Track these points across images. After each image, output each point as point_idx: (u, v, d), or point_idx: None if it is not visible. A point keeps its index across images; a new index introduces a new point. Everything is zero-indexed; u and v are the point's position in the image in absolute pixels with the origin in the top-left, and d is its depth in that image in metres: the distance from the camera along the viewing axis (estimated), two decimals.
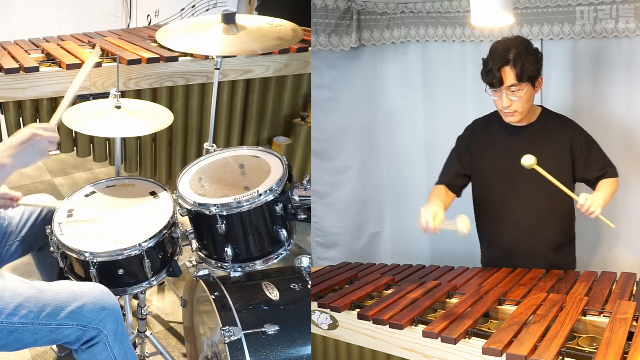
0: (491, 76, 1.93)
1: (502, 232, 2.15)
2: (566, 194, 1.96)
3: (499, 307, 1.71)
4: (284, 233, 1.95)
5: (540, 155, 1.99)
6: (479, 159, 2.14)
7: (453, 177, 2.17)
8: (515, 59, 1.91)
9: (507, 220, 2.12)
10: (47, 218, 2.05)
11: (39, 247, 2.10)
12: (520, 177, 2.04)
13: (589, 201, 1.87)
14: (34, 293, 1.64)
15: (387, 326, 1.61)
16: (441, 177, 2.20)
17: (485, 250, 2.22)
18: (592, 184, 2.05)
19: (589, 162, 2.02)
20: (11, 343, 1.62)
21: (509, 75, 1.91)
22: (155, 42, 2.76)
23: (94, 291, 1.70)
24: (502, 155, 2.08)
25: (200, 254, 2.04)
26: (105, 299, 1.69)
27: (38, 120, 2.59)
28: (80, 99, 2.51)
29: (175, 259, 2.02)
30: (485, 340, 1.43)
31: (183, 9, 4.27)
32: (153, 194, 2.09)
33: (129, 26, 4.15)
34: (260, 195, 1.90)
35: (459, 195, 2.18)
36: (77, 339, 1.66)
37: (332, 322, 1.75)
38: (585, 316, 1.56)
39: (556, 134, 2.03)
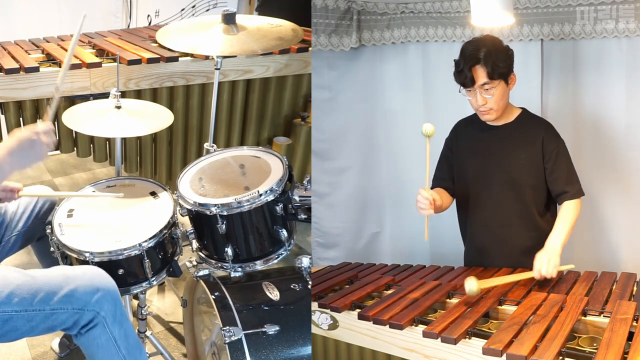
0: (463, 76, 1.95)
1: (474, 231, 2.17)
2: (534, 199, 2.02)
3: (499, 307, 1.71)
4: (284, 233, 1.95)
5: (511, 155, 2.03)
6: (458, 159, 2.17)
7: (445, 179, 2.19)
8: (486, 57, 1.92)
9: (478, 220, 2.13)
10: (43, 210, 2.04)
11: (38, 237, 2.09)
12: (492, 176, 2.07)
13: (543, 270, 1.85)
14: (26, 280, 1.62)
15: (387, 326, 1.61)
16: (434, 180, 2.22)
17: (465, 249, 2.25)
18: (555, 198, 2.06)
19: (555, 172, 2.02)
20: (7, 333, 1.60)
21: (480, 73, 1.93)
22: (155, 42, 2.76)
23: (87, 273, 1.68)
24: (477, 154, 2.11)
25: (200, 253, 2.04)
26: (99, 280, 1.67)
27: (38, 121, 2.59)
28: (80, 99, 2.52)
29: (175, 259, 2.02)
30: (485, 340, 1.43)
31: (183, 9, 4.27)
32: (153, 194, 2.09)
33: (129, 26, 4.15)
34: (261, 195, 1.90)
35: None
36: (74, 323, 1.64)
37: (332, 322, 1.75)
38: (585, 316, 1.55)
39: (529, 134, 2.04)
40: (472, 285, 1.68)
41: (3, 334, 1.61)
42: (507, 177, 2.05)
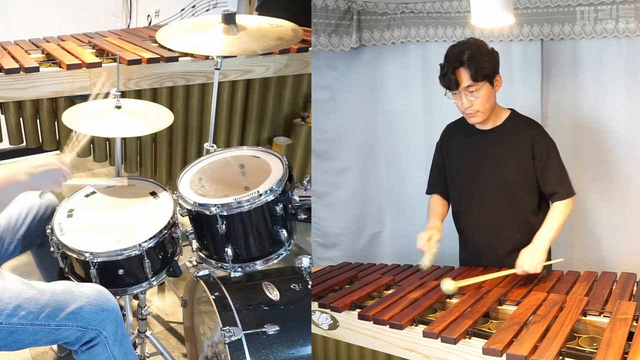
0: (447, 79, 1.95)
1: (469, 233, 2.18)
2: (527, 200, 2.04)
3: (499, 307, 1.71)
4: (284, 233, 1.95)
5: (503, 158, 2.04)
6: (450, 162, 2.18)
7: (438, 185, 2.23)
8: (469, 59, 1.92)
9: (473, 221, 2.15)
10: (45, 215, 2.05)
11: (39, 243, 2.10)
12: (485, 179, 2.08)
13: (525, 266, 1.87)
14: (33, 294, 1.64)
15: (387, 326, 1.61)
16: (430, 185, 2.26)
17: (460, 250, 2.26)
18: (547, 197, 2.07)
19: (545, 173, 2.02)
20: (10, 343, 1.62)
21: (463, 75, 1.93)
22: (155, 42, 2.76)
23: (93, 292, 1.71)
24: (468, 157, 2.12)
25: (200, 254, 2.04)
26: (104, 300, 1.70)
27: (38, 121, 2.60)
28: (80, 99, 2.52)
29: (175, 259, 2.02)
30: (485, 340, 1.43)
31: (183, 9, 4.27)
32: (153, 194, 2.09)
33: (129, 26, 4.15)
34: (260, 195, 1.90)
35: None
36: (77, 339, 1.67)
37: (332, 322, 1.75)
38: (585, 316, 1.56)
39: (519, 137, 2.04)
40: (448, 285, 1.77)
41: (6, 344, 1.63)
42: (499, 180, 2.06)
